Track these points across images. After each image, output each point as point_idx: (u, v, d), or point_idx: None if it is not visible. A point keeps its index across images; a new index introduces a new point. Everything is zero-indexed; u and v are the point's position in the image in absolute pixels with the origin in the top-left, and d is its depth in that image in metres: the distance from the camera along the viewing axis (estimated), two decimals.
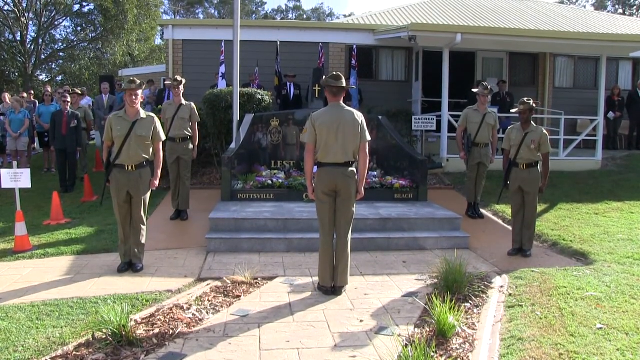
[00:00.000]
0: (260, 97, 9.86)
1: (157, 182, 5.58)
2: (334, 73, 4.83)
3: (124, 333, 3.67)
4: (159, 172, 5.60)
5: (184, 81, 7.50)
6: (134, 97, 5.31)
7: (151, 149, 5.52)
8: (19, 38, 27.49)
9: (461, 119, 8.01)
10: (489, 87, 7.90)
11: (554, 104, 13.52)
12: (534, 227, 6.28)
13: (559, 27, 13.16)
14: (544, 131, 6.09)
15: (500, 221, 7.86)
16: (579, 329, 3.83)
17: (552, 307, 4.29)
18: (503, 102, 11.75)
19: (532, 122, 6.18)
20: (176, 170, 7.46)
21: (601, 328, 3.86)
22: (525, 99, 6.22)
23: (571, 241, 6.59)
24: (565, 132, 11.63)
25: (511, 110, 6.80)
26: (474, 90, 7.99)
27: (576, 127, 13.21)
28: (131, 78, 5.44)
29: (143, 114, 5.44)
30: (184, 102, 7.44)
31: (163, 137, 5.61)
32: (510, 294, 4.76)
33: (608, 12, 35.84)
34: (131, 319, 3.96)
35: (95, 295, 4.72)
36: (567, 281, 4.96)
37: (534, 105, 6.12)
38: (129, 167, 5.36)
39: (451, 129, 10.77)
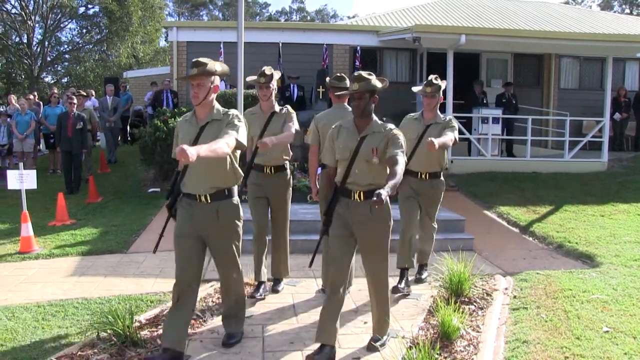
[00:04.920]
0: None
1: None
2: (338, 74, 4.83)
3: (128, 334, 3.68)
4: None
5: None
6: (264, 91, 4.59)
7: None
8: (25, 40, 27.65)
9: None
10: (435, 82, 4.76)
11: (559, 105, 13.47)
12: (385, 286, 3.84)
13: (564, 28, 13.11)
14: (393, 129, 3.57)
15: (504, 223, 7.83)
16: (585, 332, 3.81)
17: (558, 310, 4.27)
18: (508, 104, 11.72)
19: (376, 117, 3.64)
20: None
21: (608, 331, 3.84)
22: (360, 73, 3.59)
23: (577, 243, 6.56)
24: (571, 133, 11.57)
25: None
26: (414, 89, 5.45)
27: (581, 129, 13.15)
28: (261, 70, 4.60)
29: (277, 108, 4.70)
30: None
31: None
32: (515, 296, 4.74)
33: (614, 12, 35.71)
34: (135, 320, 3.97)
35: (100, 295, 4.74)
36: (573, 283, 4.94)
37: (380, 84, 3.57)
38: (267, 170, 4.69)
39: None
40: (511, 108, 11.70)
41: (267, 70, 4.59)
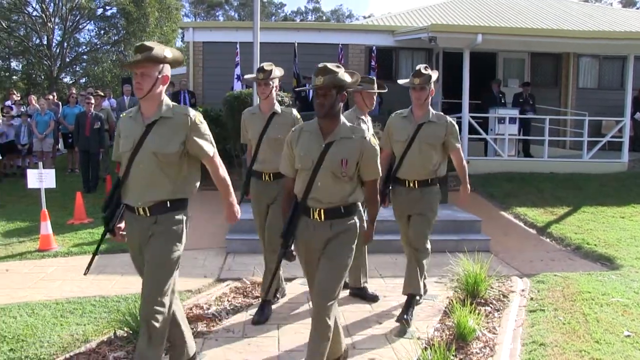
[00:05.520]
0: (280, 98, 9.89)
1: None
2: (368, 77, 4.78)
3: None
4: None
5: None
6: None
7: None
8: (45, 42, 28.12)
9: (384, 133, 4.50)
10: (425, 71, 4.08)
11: (578, 105, 13.29)
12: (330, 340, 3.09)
13: (583, 27, 12.94)
14: (367, 137, 2.98)
15: (521, 224, 7.75)
16: (605, 336, 3.75)
17: (576, 313, 4.21)
18: (525, 104, 11.59)
19: (345, 120, 3.02)
20: None
21: (629, 336, 3.77)
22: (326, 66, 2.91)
23: (595, 245, 6.47)
24: (590, 133, 11.42)
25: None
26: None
27: (601, 129, 12.96)
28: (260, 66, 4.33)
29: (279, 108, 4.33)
30: None
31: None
32: (532, 298, 4.69)
33: (638, 9, 35.12)
34: None
35: (117, 293, 4.79)
36: (592, 286, 4.87)
37: (349, 78, 2.94)
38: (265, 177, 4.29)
39: (471, 130, 10.69)
40: (528, 108, 11.58)
41: (266, 65, 4.27)
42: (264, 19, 40.28)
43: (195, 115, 2.94)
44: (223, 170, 3.07)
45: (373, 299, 4.70)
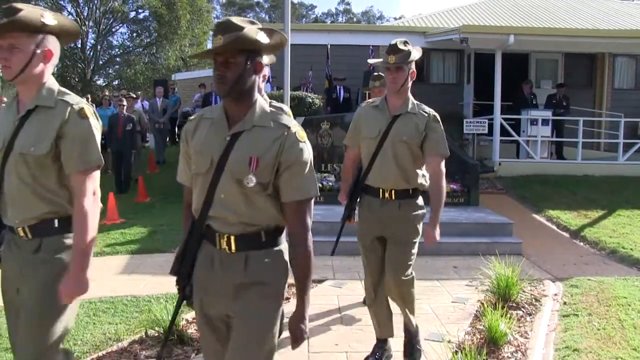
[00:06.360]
0: (310, 100, 9.93)
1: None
2: (375, 74, 4.79)
3: (175, 332, 3.76)
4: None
5: None
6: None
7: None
8: (79, 45, 28.83)
9: (350, 128, 3.55)
10: (402, 47, 3.08)
11: (613, 106, 12.97)
12: None
13: (619, 25, 12.62)
14: (292, 127, 1.95)
15: (554, 227, 7.60)
16: None
17: (611, 318, 4.11)
18: (558, 105, 11.37)
19: (265, 103, 2.02)
20: None
21: None
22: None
23: (631, 249, 6.29)
24: (625, 135, 11.12)
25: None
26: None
27: (637, 130, 12.62)
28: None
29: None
30: None
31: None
32: (565, 303, 4.59)
33: None
34: (182, 318, 4.06)
35: (148, 293, 4.87)
36: (628, 291, 4.74)
37: (266, 39, 1.94)
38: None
39: (503, 132, 10.55)
40: (562, 109, 11.35)
41: None
42: (295, 20, 40.44)
43: (82, 106, 2.14)
44: (90, 201, 2.10)
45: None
